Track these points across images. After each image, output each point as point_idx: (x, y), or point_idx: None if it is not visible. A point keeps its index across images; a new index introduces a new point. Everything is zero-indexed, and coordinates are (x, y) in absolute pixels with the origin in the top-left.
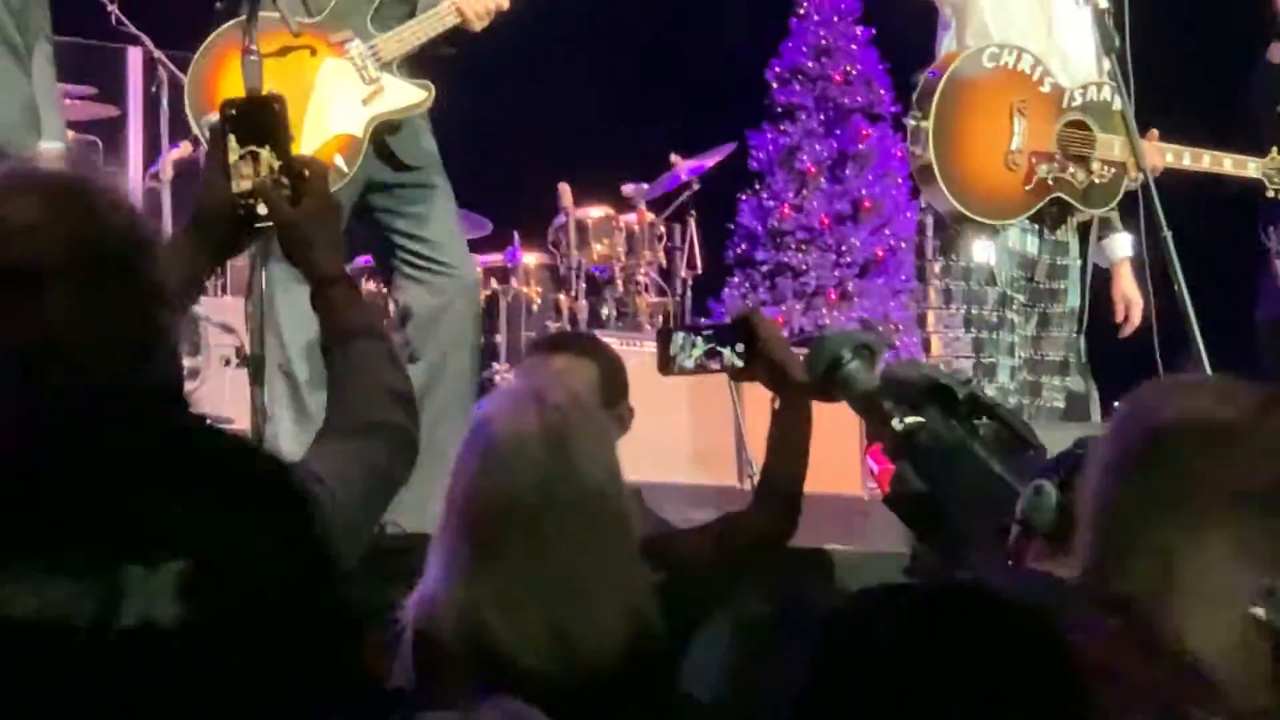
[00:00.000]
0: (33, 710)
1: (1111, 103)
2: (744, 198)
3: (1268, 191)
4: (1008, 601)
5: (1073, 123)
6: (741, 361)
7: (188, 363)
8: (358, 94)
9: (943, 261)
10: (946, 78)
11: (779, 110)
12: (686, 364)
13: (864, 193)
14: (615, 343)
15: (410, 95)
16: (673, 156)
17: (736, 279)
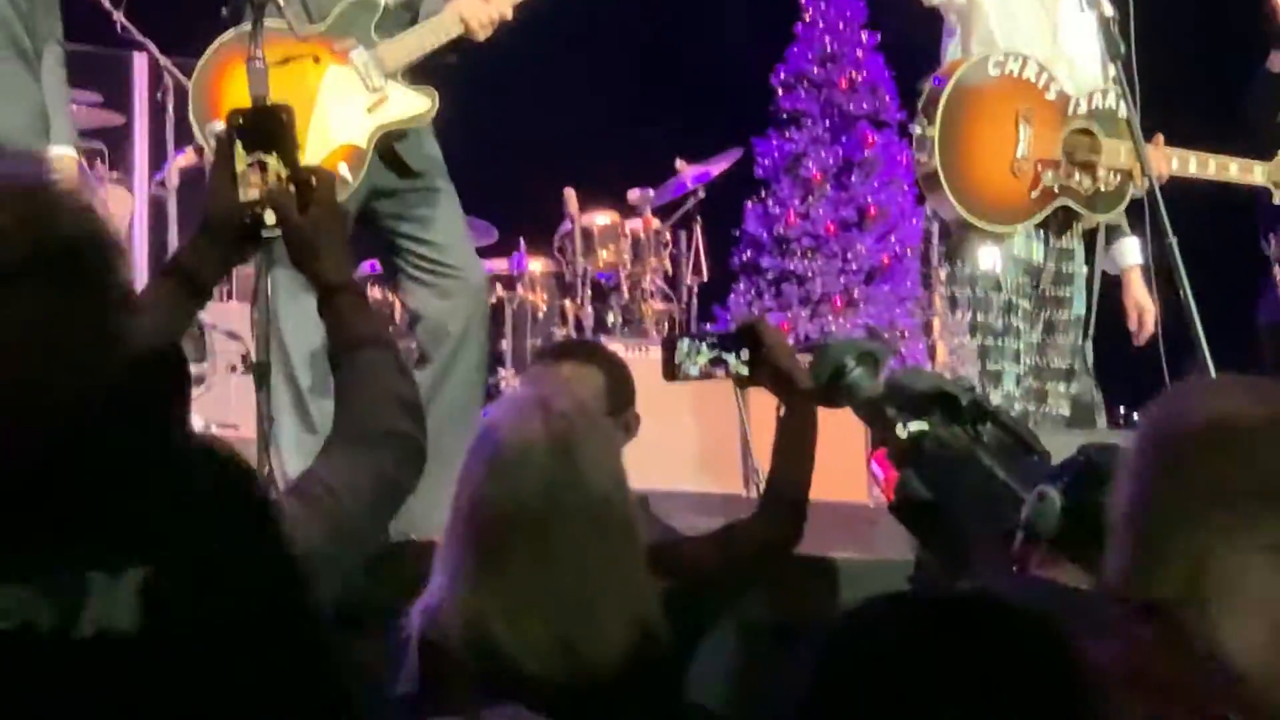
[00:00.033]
0: None
1: (1117, 109)
2: (749, 204)
3: (1274, 198)
4: (1013, 609)
5: (1078, 130)
6: (747, 368)
7: (194, 369)
8: (361, 102)
9: (948, 268)
10: (952, 85)
11: (784, 117)
12: (692, 371)
13: (869, 200)
14: (621, 349)
15: (414, 104)
16: (678, 162)
17: (742, 286)
